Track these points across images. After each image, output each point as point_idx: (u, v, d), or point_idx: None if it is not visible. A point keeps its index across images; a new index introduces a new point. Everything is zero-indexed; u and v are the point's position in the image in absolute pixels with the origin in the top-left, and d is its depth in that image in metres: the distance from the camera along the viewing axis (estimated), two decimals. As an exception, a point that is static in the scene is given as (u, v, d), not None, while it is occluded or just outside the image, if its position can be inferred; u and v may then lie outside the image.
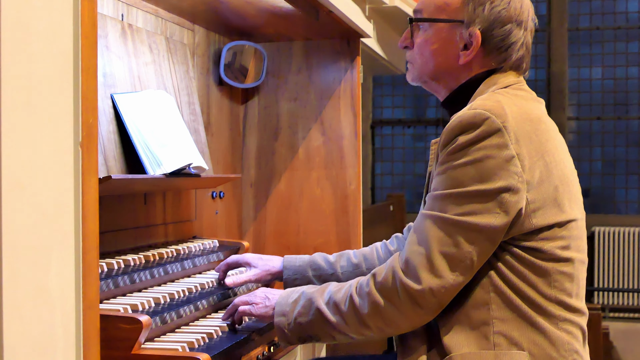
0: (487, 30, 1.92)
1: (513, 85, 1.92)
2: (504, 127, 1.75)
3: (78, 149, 1.28)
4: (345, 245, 3.14)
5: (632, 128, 9.14)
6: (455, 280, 1.75)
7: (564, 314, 1.81)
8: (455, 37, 1.95)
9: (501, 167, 1.74)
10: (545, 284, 1.79)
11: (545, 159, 1.79)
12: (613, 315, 8.82)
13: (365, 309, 1.81)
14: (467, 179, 1.75)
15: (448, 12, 1.96)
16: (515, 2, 1.94)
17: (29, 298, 1.20)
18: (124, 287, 2.03)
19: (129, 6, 2.43)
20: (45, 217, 1.23)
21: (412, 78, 2.05)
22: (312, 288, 1.94)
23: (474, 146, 1.75)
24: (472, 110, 1.78)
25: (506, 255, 1.79)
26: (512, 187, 1.73)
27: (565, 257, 1.81)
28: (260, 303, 2.00)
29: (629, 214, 9.11)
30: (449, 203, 1.76)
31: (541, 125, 1.84)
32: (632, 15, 9.28)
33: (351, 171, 3.16)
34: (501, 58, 1.94)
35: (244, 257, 2.40)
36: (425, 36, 1.98)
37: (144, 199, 2.49)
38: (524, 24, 1.96)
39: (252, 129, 3.27)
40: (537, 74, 9.55)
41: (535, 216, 1.77)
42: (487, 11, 1.92)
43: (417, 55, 2.01)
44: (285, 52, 3.23)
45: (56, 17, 1.24)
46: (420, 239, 1.78)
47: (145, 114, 2.31)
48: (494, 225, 1.74)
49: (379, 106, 9.81)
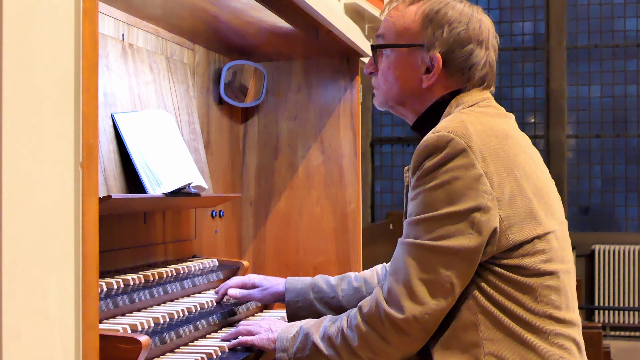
0: (448, 52, 1.93)
1: (479, 102, 1.93)
2: (468, 146, 1.75)
3: (78, 169, 1.28)
4: (345, 263, 3.13)
5: (631, 145, 9.16)
6: (438, 305, 1.75)
7: (554, 328, 1.80)
8: (416, 61, 1.96)
9: (469, 187, 1.74)
10: (531, 300, 1.79)
11: (515, 174, 1.79)
12: (614, 333, 8.80)
13: (355, 341, 1.83)
14: (438, 202, 1.75)
15: (408, 36, 1.97)
16: (473, 22, 1.95)
17: (28, 318, 1.20)
18: (123, 307, 2.03)
19: (129, 26, 2.45)
20: (45, 237, 1.23)
21: (379, 103, 2.07)
22: (310, 322, 1.97)
23: (441, 169, 1.75)
24: (435, 134, 1.78)
25: (489, 275, 1.79)
26: (482, 206, 1.73)
27: (548, 271, 1.81)
28: (263, 334, 2.02)
29: (629, 231, 9.10)
30: (422, 229, 1.77)
31: (508, 140, 1.84)
32: (630, 33, 9.32)
33: (351, 189, 3.16)
34: (464, 78, 1.95)
35: (250, 278, 2.41)
36: (388, 62, 2.00)
37: (144, 218, 2.49)
38: (485, 42, 1.96)
39: (251, 148, 3.27)
40: (536, 91, 9.58)
41: (512, 232, 1.77)
42: (446, 34, 1.93)
43: (381, 81, 2.03)
44: (285, 71, 3.24)
45: (58, 37, 1.25)
46: (400, 268, 1.79)
47: (146, 133, 2.31)
48: (467, 246, 1.74)
49: (378, 124, 9.83)
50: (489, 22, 2.01)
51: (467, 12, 1.96)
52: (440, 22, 1.94)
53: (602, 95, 9.30)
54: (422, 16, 1.95)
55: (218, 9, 2.39)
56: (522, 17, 9.76)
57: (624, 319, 8.74)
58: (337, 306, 2.28)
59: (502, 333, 1.78)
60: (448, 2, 1.96)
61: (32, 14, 1.18)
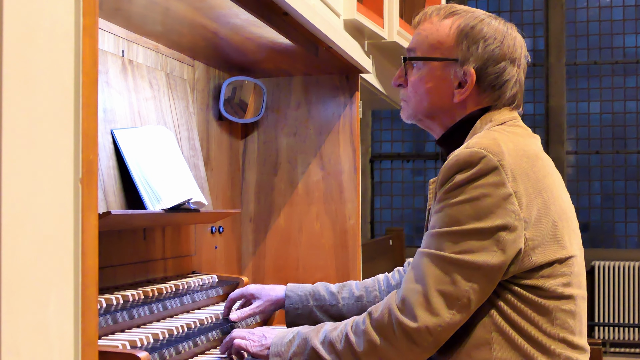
0: (482, 68, 1.93)
1: (509, 122, 1.93)
2: (500, 165, 1.75)
3: (78, 185, 1.28)
4: (344, 279, 3.12)
5: (630, 162, 9.16)
6: (452, 319, 1.74)
7: (567, 352, 1.79)
8: (449, 75, 1.95)
9: (498, 205, 1.73)
10: (547, 322, 1.78)
11: (543, 196, 1.79)
12: (614, 350, 8.78)
13: (361, 347, 1.80)
14: (464, 217, 1.74)
15: (442, 50, 1.97)
16: (508, 39, 1.96)
17: (28, 334, 1.20)
18: (122, 323, 2.02)
19: (129, 42, 2.45)
20: (44, 253, 1.23)
21: (407, 116, 2.06)
22: (308, 328, 1.94)
23: (471, 184, 1.75)
24: (468, 149, 1.78)
25: (507, 294, 1.78)
26: (509, 226, 1.73)
27: (567, 295, 1.80)
28: (256, 341, 2.00)
29: (629, 248, 9.09)
30: (446, 241, 1.75)
31: (538, 161, 1.84)
32: (629, 50, 9.34)
33: (350, 206, 3.16)
34: (495, 95, 1.95)
35: (247, 289, 2.40)
36: (420, 75, 1.99)
37: (143, 234, 2.48)
38: (517, 61, 1.97)
39: (251, 164, 3.27)
40: (536, 108, 9.59)
41: (535, 253, 1.76)
42: (481, 49, 1.93)
43: (411, 94, 2.02)
44: (284, 88, 3.24)
45: (58, 53, 1.25)
46: (417, 277, 1.77)
47: (145, 150, 2.31)
48: (491, 263, 1.73)
49: (378, 140, 9.84)
50: (522, 40, 2.01)
51: (502, 30, 1.96)
52: (476, 38, 1.94)
53: (602, 112, 9.31)
54: (457, 30, 1.95)
55: (218, 25, 2.40)
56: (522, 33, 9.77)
57: (624, 336, 8.71)
58: (337, 314, 2.27)
59: (516, 353, 1.76)
60: (483, 19, 1.97)
61: (33, 30, 1.19)
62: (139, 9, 2.23)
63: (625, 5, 9.37)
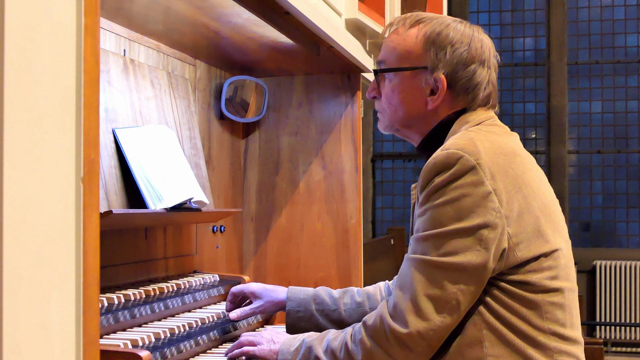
0: (452, 73, 1.95)
1: (485, 121, 1.94)
2: (478, 164, 1.76)
3: (80, 184, 1.28)
4: (346, 278, 3.13)
5: (632, 161, 9.16)
6: (443, 322, 1.75)
7: (559, 345, 1.80)
8: (420, 83, 1.97)
9: (478, 204, 1.74)
10: (537, 316, 1.79)
11: (523, 192, 1.80)
12: (615, 349, 8.78)
13: (358, 356, 1.83)
14: (446, 218, 1.76)
15: (411, 60, 1.98)
16: (475, 42, 1.97)
17: (29, 333, 1.20)
18: (124, 322, 2.03)
19: (131, 41, 2.45)
20: (46, 252, 1.23)
21: (384, 127, 2.08)
22: (313, 336, 1.97)
23: (450, 186, 1.76)
24: (445, 151, 1.79)
25: (495, 291, 1.79)
26: (490, 223, 1.74)
27: (554, 288, 1.81)
28: (265, 345, 2.02)
29: (630, 247, 9.09)
30: (430, 245, 1.77)
31: (516, 158, 1.85)
32: (630, 49, 9.34)
33: (352, 205, 3.16)
34: (469, 98, 1.96)
35: (249, 287, 2.41)
36: (392, 85, 2.01)
37: (145, 234, 2.49)
38: (487, 62, 1.98)
39: (253, 163, 3.27)
40: (537, 107, 9.59)
41: (520, 249, 1.78)
42: (449, 55, 1.94)
43: (385, 105, 2.04)
44: (286, 87, 3.24)
45: (59, 53, 1.25)
46: (406, 283, 1.79)
47: (147, 149, 2.31)
48: (475, 262, 1.74)
49: (379, 140, 9.84)
50: (489, 41, 2.03)
51: (468, 33, 1.98)
52: (443, 44, 1.95)
53: (603, 112, 9.31)
54: (424, 38, 1.97)
55: (219, 24, 2.40)
56: (523, 33, 9.79)
57: (625, 335, 8.71)
58: (338, 320, 2.28)
59: (507, 349, 1.78)
60: (449, 24, 1.98)
61: (34, 30, 1.19)
62: (141, 8, 2.23)
63: (627, 5, 9.37)
